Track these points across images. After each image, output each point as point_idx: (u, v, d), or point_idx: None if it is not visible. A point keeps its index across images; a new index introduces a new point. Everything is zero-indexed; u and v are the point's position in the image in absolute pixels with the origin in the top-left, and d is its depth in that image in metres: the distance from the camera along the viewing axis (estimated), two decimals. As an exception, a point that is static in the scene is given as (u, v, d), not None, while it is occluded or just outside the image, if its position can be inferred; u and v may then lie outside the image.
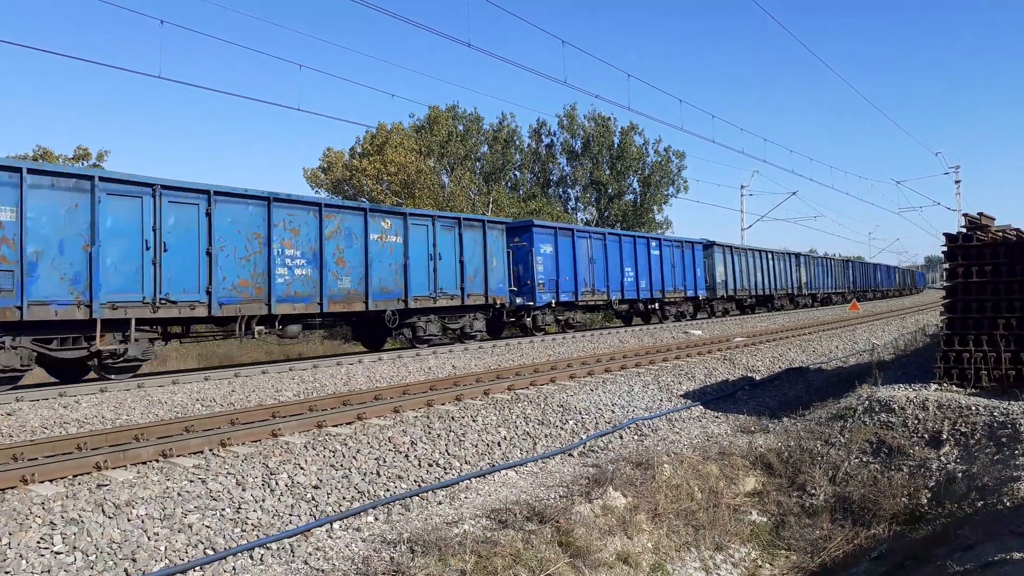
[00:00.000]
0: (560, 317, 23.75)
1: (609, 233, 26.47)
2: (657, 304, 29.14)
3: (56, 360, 12.10)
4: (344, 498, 7.02)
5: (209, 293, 13.45)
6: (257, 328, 14.61)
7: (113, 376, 12.54)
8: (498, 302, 20.46)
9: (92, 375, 12.91)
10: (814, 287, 47.40)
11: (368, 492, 7.24)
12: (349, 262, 16.28)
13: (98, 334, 11.93)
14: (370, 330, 18.83)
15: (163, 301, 12.69)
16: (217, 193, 13.72)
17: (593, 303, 25.12)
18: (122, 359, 12.50)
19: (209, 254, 13.50)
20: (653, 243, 29.07)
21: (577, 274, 23.76)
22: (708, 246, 33.54)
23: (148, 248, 12.54)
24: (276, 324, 15.06)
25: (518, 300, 21.56)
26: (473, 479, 8.00)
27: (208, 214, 13.55)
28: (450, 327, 19.50)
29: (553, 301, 22.49)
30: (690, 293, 30.94)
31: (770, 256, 40.09)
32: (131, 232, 12.44)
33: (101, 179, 12.18)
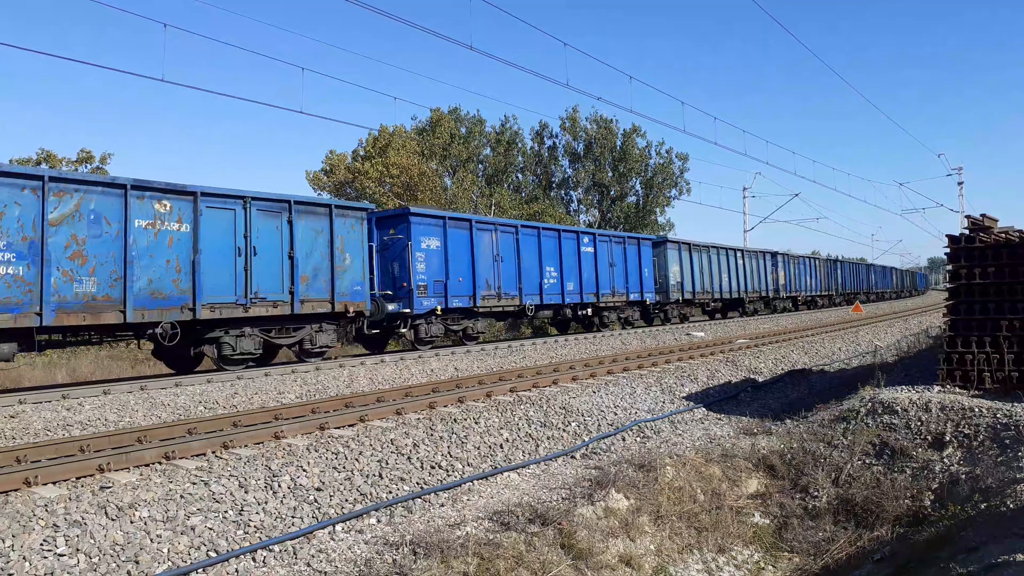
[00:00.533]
0: (454, 327, 19.66)
1: (523, 226, 22.50)
2: (590, 309, 25.01)
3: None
4: (346, 500, 7.02)
5: None
6: None
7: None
8: (351, 309, 16.20)
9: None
10: (795, 289, 44.10)
11: (370, 494, 7.24)
12: (96, 257, 12.26)
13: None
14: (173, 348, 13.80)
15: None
16: None
17: (500, 309, 21.05)
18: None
19: None
20: (585, 238, 24.87)
21: (476, 274, 19.78)
22: (659, 243, 30.17)
23: None
24: None
25: (391, 307, 17.80)
26: (475, 481, 8.00)
27: None
28: (278, 342, 15.20)
29: (439, 307, 18.53)
30: (635, 296, 27.04)
31: (740, 255, 36.75)
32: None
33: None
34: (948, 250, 11.20)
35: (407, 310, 17.94)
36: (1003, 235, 11.32)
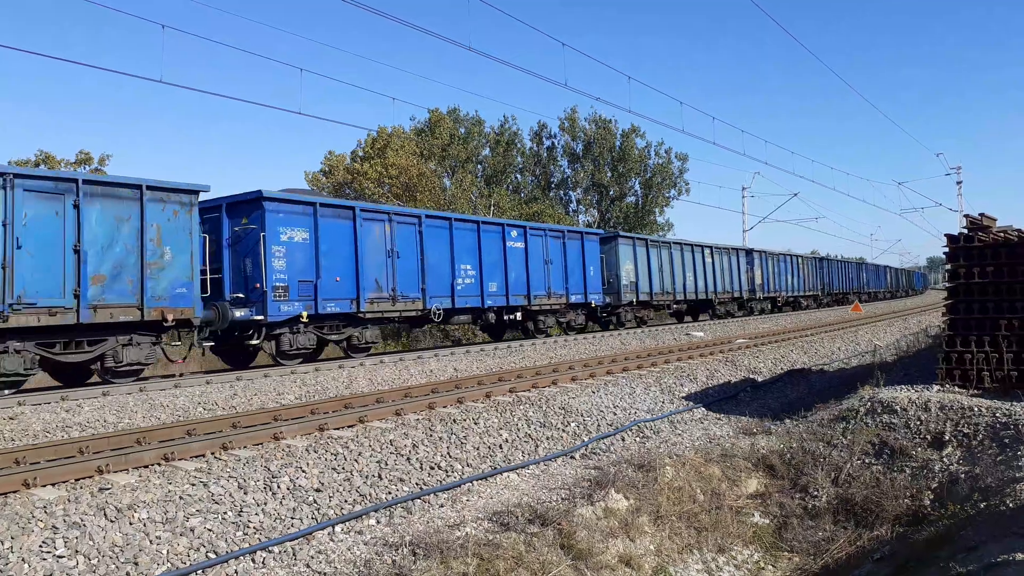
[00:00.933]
0: (333, 336, 16.39)
1: (429, 216, 19.09)
2: (520, 313, 21.70)
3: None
4: (346, 501, 7.02)
5: None
6: None
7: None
8: (170, 317, 12.89)
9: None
10: (774, 289, 40.70)
11: (370, 495, 7.24)
12: None
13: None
14: None
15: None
16: None
17: (396, 314, 17.75)
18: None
19: None
20: (513, 232, 21.54)
21: (362, 273, 16.46)
22: (609, 238, 26.81)
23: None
24: None
25: (239, 313, 14.32)
26: (475, 482, 8.00)
27: None
28: (63, 359, 12.06)
29: (305, 313, 15.28)
30: (577, 299, 23.82)
31: (708, 252, 33.57)
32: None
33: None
34: (947, 249, 11.20)
35: (259, 317, 14.54)
36: (1002, 234, 11.32)
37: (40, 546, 5.31)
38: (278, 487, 6.87)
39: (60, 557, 5.25)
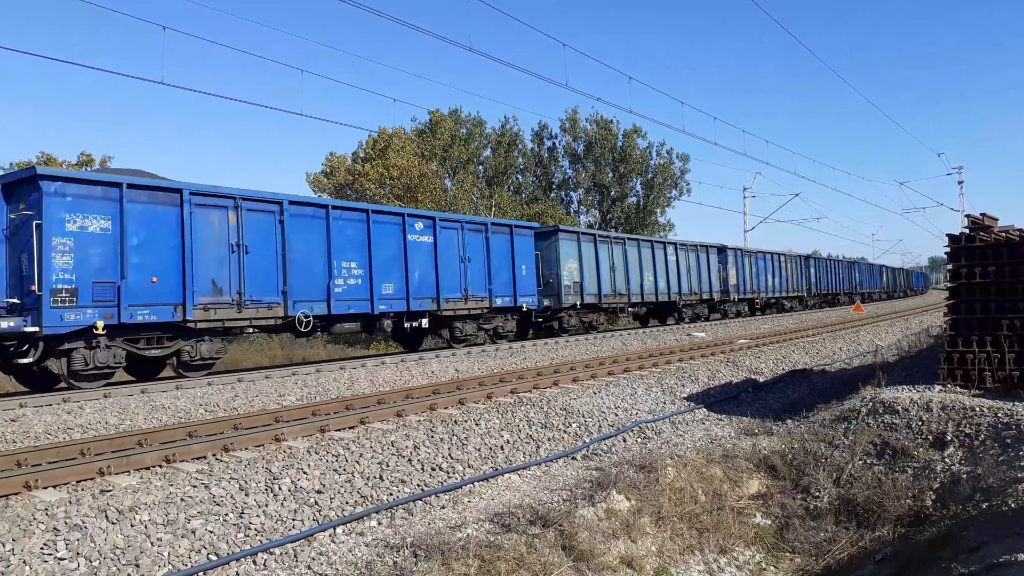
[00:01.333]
0: (154, 351, 13.23)
1: (294, 202, 15.58)
2: (426, 319, 18.71)
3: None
4: (347, 503, 7.01)
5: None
6: None
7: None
8: None
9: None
10: (752, 290, 37.34)
11: (371, 496, 7.24)
12: None
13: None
14: None
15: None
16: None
17: (245, 322, 14.46)
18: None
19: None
20: (418, 224, 18.43)
21: (192, 272, 13.48)
22: (547, 233, 23.97)
23: None
24: None
25: (4, 324, 11.45)
26: (476, 483, 7.99)
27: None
28: None
29: (101, 322, 12.15)
30: (505, 301, 20.91)
31: (671, 249, 30.65)
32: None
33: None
34: (948, 249, 11.20)
35: (33, 328, 11.52)
36: (1003, 234, 11.31)
37: (41, 548, 5.31)
38: (279, 488, 6.87)
39: (61, 559, 5.25)
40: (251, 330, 15.16)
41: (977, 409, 9.18)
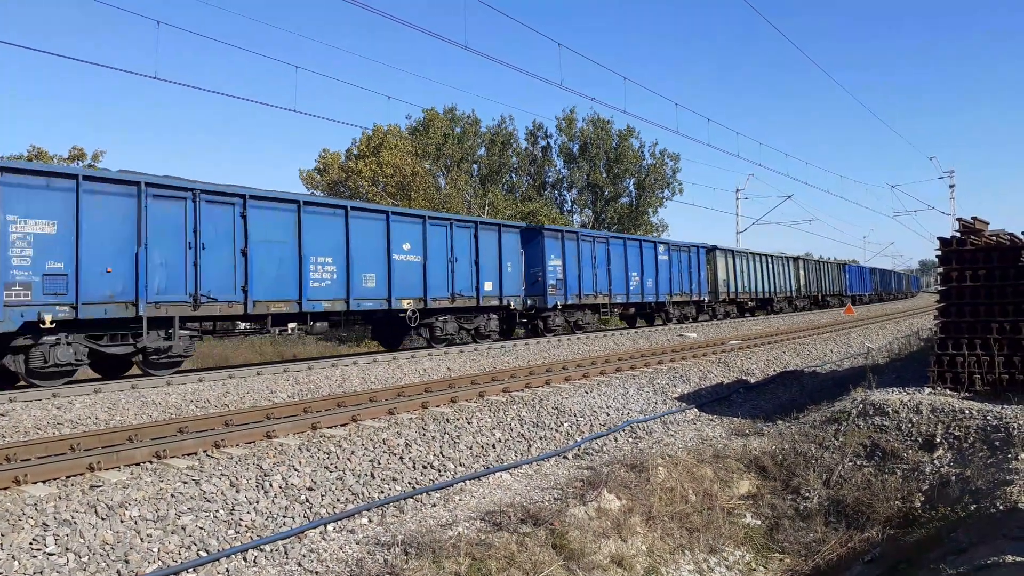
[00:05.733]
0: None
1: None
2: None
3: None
4: (338, 500, 7.01)
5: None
6: None
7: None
8: None
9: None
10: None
11: (362, 494, 7.23)
12: None
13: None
14: None
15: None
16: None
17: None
18: None
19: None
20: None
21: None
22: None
23: None
24: None
25: None
26: (468, 481, 7.99)
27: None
28: None
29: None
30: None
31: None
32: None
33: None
34: (939, 253, 11.25)
35: None
36: (994, 238, 11.38)
37: (31, 543, 5.29)
38: (270, 485, 6.85)
39: (51, 554, 5.23)
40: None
41: (966, 412, 9.23)
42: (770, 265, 40.52)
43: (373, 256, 17.15)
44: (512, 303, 21.46)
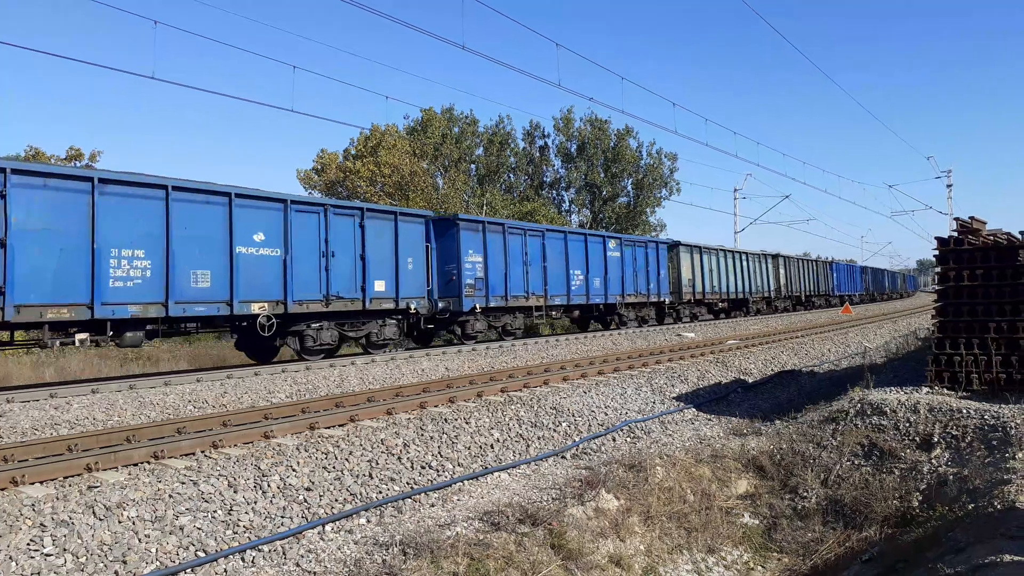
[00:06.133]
0: None
1: None
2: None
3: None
4: (336, 500, 7.00)
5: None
6: None
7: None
8: None
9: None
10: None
11: (360, 494, 7.22)
12: None
13: None
14: None
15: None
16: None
17: None
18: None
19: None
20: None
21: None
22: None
23: None
24: None
25: None
26: (466, 481, 7.99)
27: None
28: None
29: None
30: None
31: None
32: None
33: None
34: (937, 252, 11.27)
35: None
36: (991, 238, 11.40)
37: (28, 544, 5.28)
38: (268, 486, 6.85)
39: (48, 555, 5.22)
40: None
41: (964, 411, 9.24)
42: (745, 263, 37.45)
43: (208, 249, 13.82)
44: (413, 306, 18.11)
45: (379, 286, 17.28)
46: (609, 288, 25.84)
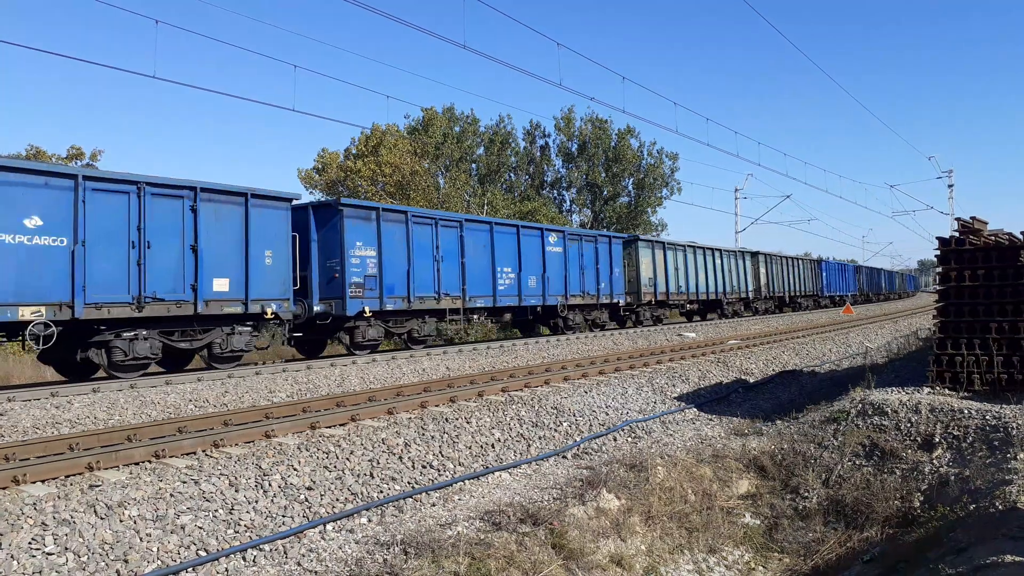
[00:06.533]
0: None
1: None
2: None
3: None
4: (337, 499, 7.00)
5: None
6: None
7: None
8: None
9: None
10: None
11: (361, 494, 7.23)
12: None
13: None
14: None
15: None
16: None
17: None
18: None
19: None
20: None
21: None
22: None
23: None
24: None
25: None
26: (467, 481, 7.99)
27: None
28: None
29: None
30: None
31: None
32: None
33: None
34: (938, 252, 11.26)
35: None
36: (993, 238, 11.39)
37: (30, 543, 5.28)
38: (269, 485, 6.85)
39: (50, 554, 5.22)
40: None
41: (965, 411, 9.24)
42: (719, 261, 34.50)
43: None
44: (272, 309, 14.82)
45: (220, 285, 14.06)
46: (548, 287, 22.75)
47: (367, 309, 16.73)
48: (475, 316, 20.65)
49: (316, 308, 16.21)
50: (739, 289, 36.58)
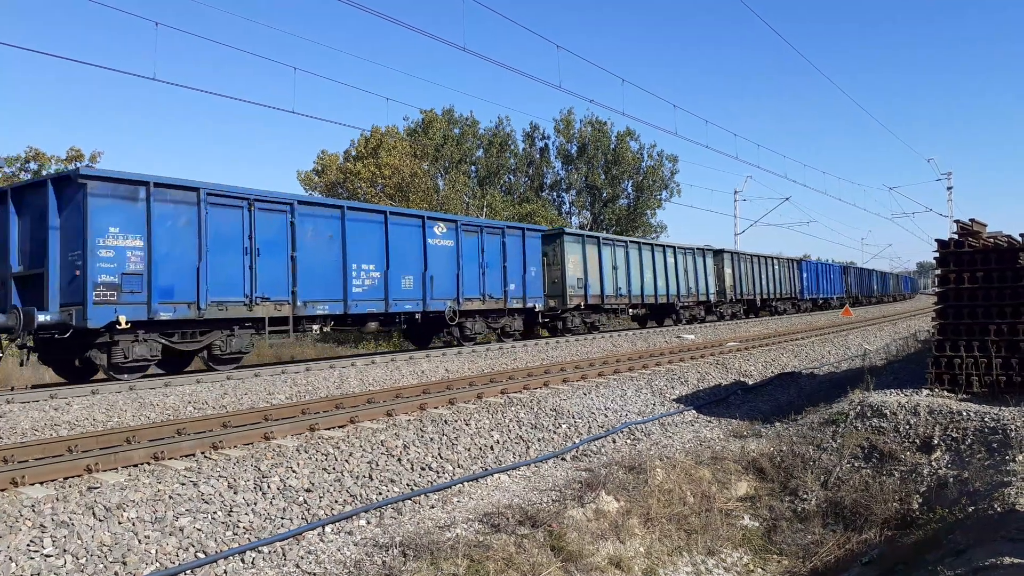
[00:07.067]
0: None
1: None
2: None
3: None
4: (336, 501, 7.00)
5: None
6: None
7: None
8: None
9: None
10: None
11: (360, 496, 7.22)
12: None
13: None
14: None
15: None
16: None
17: None
18: None
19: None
20: None
21: None
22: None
23: None
24: None
25: None
26: (466, 483, 7.99)
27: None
28: None
29: None
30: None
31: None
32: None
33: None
34: (937, 255, 11.26)
35: None
36: (992, 240, 11.40)
37: (28, 545, 5.28)
38: (268, 487, 6.85)
39: (48, 556, 5.22)
40: None
41: (964, 413, 9.24)
42: (671, 259, 30.42)
43: None
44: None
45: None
46: (432, 290, 18.45)
47: (122, 318, 12.32)
48: (313, 325, 16.49)
49: (43, 318, 11.71)
50: (697, 291, 32.48)
